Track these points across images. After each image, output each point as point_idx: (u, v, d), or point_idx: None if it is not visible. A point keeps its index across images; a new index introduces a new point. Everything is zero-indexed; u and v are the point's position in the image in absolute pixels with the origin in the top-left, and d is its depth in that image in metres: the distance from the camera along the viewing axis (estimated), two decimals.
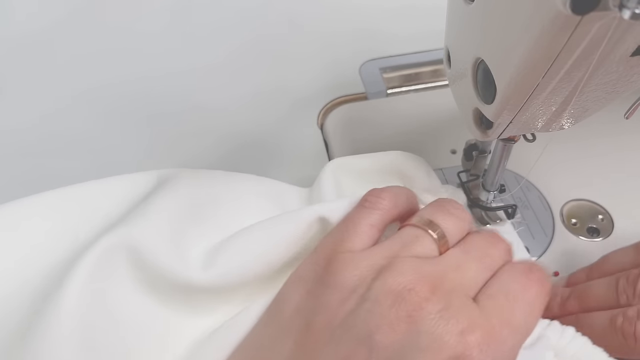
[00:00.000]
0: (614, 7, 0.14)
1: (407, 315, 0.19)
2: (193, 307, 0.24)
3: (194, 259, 0.24)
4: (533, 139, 0.29)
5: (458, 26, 0.24)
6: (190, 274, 0.23)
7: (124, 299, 0.23)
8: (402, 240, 0.22)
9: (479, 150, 0.32)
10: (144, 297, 0.24)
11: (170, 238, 0.24)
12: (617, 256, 0.29)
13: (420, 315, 0.19)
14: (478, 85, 0.24)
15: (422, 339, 0.19)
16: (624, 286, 0.26)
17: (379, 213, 0.23)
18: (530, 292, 0.21)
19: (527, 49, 0.18)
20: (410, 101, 0.47)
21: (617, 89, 0.22)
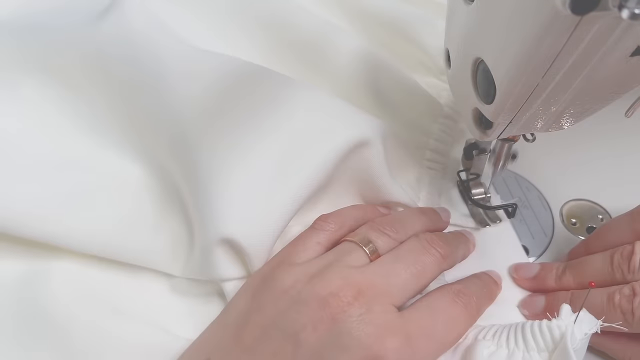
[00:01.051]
0: (613, 7, 0.14)
1: (330, 317, 0.21)
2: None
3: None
4: (533, 139, 0.29)
5: (458, 26, 0.24)
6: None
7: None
8: (337, 252, 0.25)
9: (478, 150, 0.32)
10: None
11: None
12: (612, 228, 0.29)
13: (342, 318, 0.21)
14: (478, 85, 0.24)
15: (343, 339, 0.21)
16: (619, 261, 0.26)
17: (326, 234, 0.26)
18: (454, 310, 0.24)
19: (527, 49, 0.18)
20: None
21: (617, 89, 0.22)
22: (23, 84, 0.29)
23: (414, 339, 0.21)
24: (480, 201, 0.34)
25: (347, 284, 0.22)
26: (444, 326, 0.23)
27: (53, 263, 0.26)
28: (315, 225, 0.27)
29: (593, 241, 0.30)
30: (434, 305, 0.23)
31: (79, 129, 0.29)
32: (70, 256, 0.27)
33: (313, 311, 0.21)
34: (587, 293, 0.24)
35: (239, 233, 0.25)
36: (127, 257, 0.27)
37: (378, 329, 0.21)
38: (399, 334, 0.21)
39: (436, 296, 0.24)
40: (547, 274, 0.29)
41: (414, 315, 0.22)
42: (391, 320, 0.22)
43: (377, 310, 0.22)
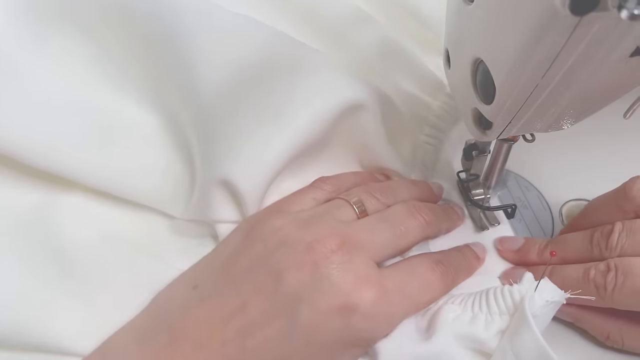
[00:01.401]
0: (612, 7, 0.14)
1: (313, 261, 0.22)
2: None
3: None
4: (532, 139, 0.29)
5: (457, 26, 0.24)
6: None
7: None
8: (328, 206, 0.27)
9: (478, 150, 0.32)
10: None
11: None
12: (598, 207, 0.30)
13: (324, 264, 0.22)
14: (477, 85, 0.24)
15: (322, 283, 0.22)
16: (598, 239, 0.27)
17: (322, 192, 0.28)
18: (431, 275, 0.25)
19: (526, 49, 0.18)
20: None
21: (617, 89, 0.22)
22: (51, 36, 0.30)
23: (389, 294, 0.23)
24: (480, 202, 0.34)
25: (333, 233, 0.24)
26: (419, 288, 0.24)
27: (66, 196, 0.29)
28: (313, 184, 0.29)
29: (579, 220, 0.31)
30: (413, 268, 0.25)
31: (101, 80, 0.31)
32: (82, 191, 0.29)
33: (298, 254, 0.23)
34: (545, 269, 0.26)
35: (234, 174, 0.27)
36: (135, 196, 0.30)
37: (356, 278, 0.22)
38: (375, 286, 0.22)
39: (416, 260, 0.26)
40: (530, 247, 0.30)
41: (392, 273, 0.24)
42: (370, 274, 0.23)
43: (357, 261, 0.23)
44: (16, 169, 0.28)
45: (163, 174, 0.31)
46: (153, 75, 0.31)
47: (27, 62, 0.28)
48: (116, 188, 0.29)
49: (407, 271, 0.25)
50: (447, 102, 0.37)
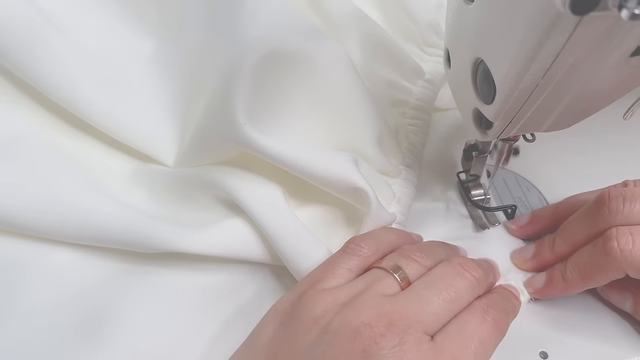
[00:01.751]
0: (613, 7, 0.14)
1: (362, 349, 0.20)
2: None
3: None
4: (533, 139, 0.29)
5: (458, 26, 0.24)
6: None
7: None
8: (367, 279, 0.24)
9: (478, 151, 0.32)
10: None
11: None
12: (581, 195, 0.31)
13: (375, 350, 0.20)
14: (478, 85, 0.24)
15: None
16: (598, 208, 0.26)
17: (358, 259, 0.25)
18: (484, 331, 0.23)
19: (526, 49, 0.18)
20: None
21: (617, 89, 0.22)
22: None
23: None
24: (480, 202, 0.34)
25: (379, 314, 0.22)
26: (475, 352, 0.22)
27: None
28: (347, 250, 0.26)
29: (562, 205, 0.32)
30: (464, 326, 0.23)
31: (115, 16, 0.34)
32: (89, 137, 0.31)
33: (344, 343, 0.21)
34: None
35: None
36: (134, 139, 0.31)
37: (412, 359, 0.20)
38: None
39: (466, 316, 0.23)
40: (542, 248, 0.30)
41: (445, 343, 0.22)
42: (424, 352, 0.21)
43: (409, 341, 0.21)
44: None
45: (164, 120, 0.32)
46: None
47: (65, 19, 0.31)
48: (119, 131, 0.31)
49: (459, 334, 0.22)
50: (427, 87, 0.39)
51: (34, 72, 0.29)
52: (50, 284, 0.28)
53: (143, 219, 0.28)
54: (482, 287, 0.25)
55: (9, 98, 0.30)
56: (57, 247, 0.29)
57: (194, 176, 0.30)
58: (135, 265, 0.29)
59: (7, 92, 0.30)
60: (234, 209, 0.29)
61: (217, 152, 0.30)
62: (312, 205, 0.31)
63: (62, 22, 0.31)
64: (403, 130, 0.37)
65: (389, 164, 0.33)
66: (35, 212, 0.27)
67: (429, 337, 0.22)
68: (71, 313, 0.27)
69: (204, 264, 0.29)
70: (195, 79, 0.32)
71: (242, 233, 0.28)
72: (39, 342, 0.26)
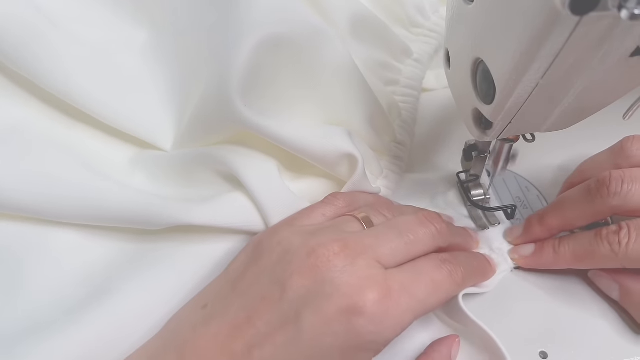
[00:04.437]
0: (613, 7, 0.14)
1: (315, 265, 0.22)
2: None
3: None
4: (533, 139, 0.29)
5: (458, 26, 0.24)
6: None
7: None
8: (335, 222, 0.27)
9: (478, 151, 0.32)
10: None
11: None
12: (593, 165, 0.31)
13: (327, 267, 0.22)
14: (477, 85, 0.24)
15: (325, 287, 0.22)
16: (597, 187, 0.27)
17: (333, 208, 0.28)
18: (438, 274, 0.24)
19: (526, 49, 0.18)
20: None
21: (617, 89, 0.22)
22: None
23: (394, 295, 0.22)
24: (480, 202, 0.34)
25: (337, 239, 0.23)
26: (426, 287, 0.23)
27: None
28: (325, 200, 0.29)
29: (574, 179, 0.32)
30: (419, 267, 0.24)
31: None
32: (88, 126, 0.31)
33: (301, 259, 0.23)
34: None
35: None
36: (131, 127, 0.31)
37: (360, 280, 0.22)
38: (380, 287, 0.22)
39: (422, 260, 0.25)
40: (532, 220, 0.31)
41: (397, 273, 0.23)
42: (373, 274, 0.22)
43: (361, 264, 0.22)
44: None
45: (162, 104, 0.32)
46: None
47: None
48: (113, 118, 0.31)
49: (413, 271, 0.24)
50: (416, 66, 0.41)
51: (29, 64, 0.29)
52: (56, 265, 0.28)
53: (146, 197, 0.28)
54: (443, 239, 0.26)
55: (5, 91, 0.30)
56: (62, 229, 0.29)
57: (193, 155, 0.30)
58: (142, 243, 0.29)
59: (2, 85, 0.30)
60: (235, 184, 0.30)
61: (215, 134, 0.30)
62: (305, 179, 0.32)
63: (54, 14, 0.31)
64: (395, 108, 0.38)
65: (380, 141, 0.35)
66: (37, 194, 0.27)
67: (381, 265, 0.23)
68: (79, 289, 0.27)
69: (211, 235, 0.29)
70: (190, 65, 0.32)
71: (245, 205, 0.28)
72: (46, 315, 0.26)
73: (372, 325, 0.21)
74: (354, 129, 0.32)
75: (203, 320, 0.23)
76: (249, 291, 0.23)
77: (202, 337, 0.22)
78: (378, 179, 0.34)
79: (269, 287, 0.23)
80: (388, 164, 0.36)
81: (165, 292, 0.26)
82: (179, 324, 0.25)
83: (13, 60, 0.29)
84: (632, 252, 0.25)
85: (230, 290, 0.24)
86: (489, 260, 0.30)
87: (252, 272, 0.24)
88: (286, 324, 0.22)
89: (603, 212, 0.27)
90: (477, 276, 0.28)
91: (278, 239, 0.25)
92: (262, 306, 0.22)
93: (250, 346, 0.22)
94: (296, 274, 0.22)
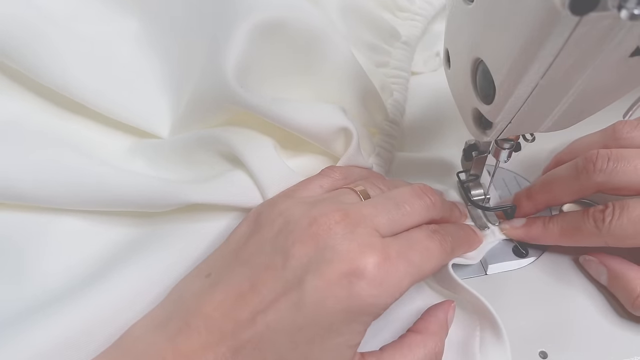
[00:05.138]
0: (612, 7, 0.14)
1: (317, 233, 0.23)
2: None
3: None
4: (533, 139, 0.29)
5: (458, 26, 0.24)
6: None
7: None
8: (333, 193, 0.27)
9: (478, 151, 0.32)
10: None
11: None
12: (584, 144, 0.32)
13: (328, 235, 0.23)
14: (477, 85, 0.24)
15: (327, 253, 0.23)
16: (584, 164, 0.28)
17: (330, 180, 0.29)
18: (430, 243, 0.26)
19: (526, 49, 0.18)
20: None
21: (617, 89, 0.22)
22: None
23: (393, 260, 0.23)
24: (480, 202, 0.34)
25: (337, 209, 0.24)
26: (420, 255, 0.24)
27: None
28: (322, 172, 0.30)
29: (563, 157, 0.33)
30: (412, 236, 0.25)
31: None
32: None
33: (302, 228, 0.24)
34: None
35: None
36: (128, 116, 0.31)
37: (360, 246, 0.23)
38: (379, 252, 0.23)
39: (413, 231, 0.26)
40: (520, 195, 0.32)
41: (394, 241, 0.24)
42: (373, 241, 0.23)
43: (360, 232, 0.23)
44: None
45: (160, 90, 0.33)
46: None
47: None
48: (109, 107, 0.31)
49: (408, 239, 0.25)
50: (404, 48, 0.43)
51: (28, 61, 0.29)
52: (57, 253, 0.28)
53: (146, 178, 0.28)
54: (437, 211, 0.28)
55: (1, 87, 0.31)
56: (62, 218, 0.29)
57: (192, 138, 0.31)
58: (144, 227, 0.30)
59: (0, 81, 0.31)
60: (235, 163, 0.30)
61: (212, 118, 0.31)
62: (301, 157, 0.32)
63: (49, 9, 0.32)
64: (387, 88, 0.40)
65: (373, 121, 0.36)
66: (37, 182, 0.27)
67: (379, 234, 0.24)
68: (80, 276, 0.27)
69: (212, 212, 0.29)
70: (185, 52, 0.33)
71: (246, 182, 0.29)
72: (49, 298, 0.26)
73: (372, 288, 0.22)
74: (346, 107, 0.33)
75: (207, 288, 0.24)
76: (252, 260, 0.24)
77: (207, 305, 0.23)
78: (370, 157, 0.35)
79: (272, 256, 0.24)
80: (380, 141, 0.37)
81: (166, 267, 0.27)
82: (183, 294, 0.25)
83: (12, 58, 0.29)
84: (614, 229, 0.27)
85: (234, 259, 0.25)
86: (476, 231, 0.32)
87: (255, 241, 0.25)
88: (289, 290, 0.22)
89: (588, 188, 0.29)
90: (464, 245, 0.30)
91: (279, 210, 0.26)
92: (266, 274, 0.23)
93: (255, 312, 0.22)
94: (298, 242, 0.23)
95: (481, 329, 0.27)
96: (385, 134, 0.37)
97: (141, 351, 0.23)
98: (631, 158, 0.27)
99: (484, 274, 0.32)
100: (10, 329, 0.23)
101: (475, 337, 0.27)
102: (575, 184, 0.29)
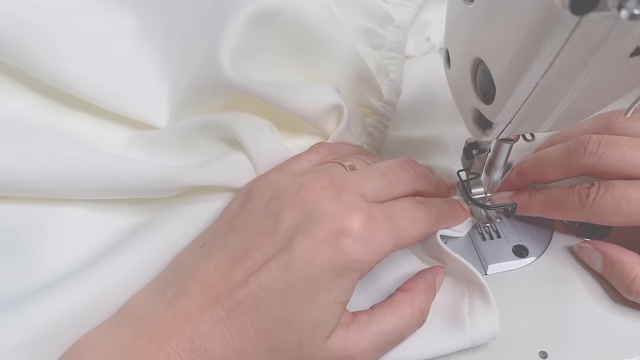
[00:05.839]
0: (612, 7, 0.14)
1: (305, 198, 0.25)
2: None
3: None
4: (533, 139, 0.29)
5: (457, 26, 0.24)
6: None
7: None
8: (322, 166, 0.29)
9: (479, 149, 0.32)
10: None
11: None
12: (575, 132, 0.33)
13: (316, 199, 0.24)
14: (477, 85, 0.24)
15: (314, 215, 0.24)
16: (575, 146, 0.29)
17: (319, 155, 0.30)
18: (415, 211, 0.27)
19: (526, 49, 0.18)
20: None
21: (617, 89, 0.22)
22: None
23: (378, 220, 0.24)
24: (480, 201, 0.34)
25: (324, 176, 0.26)
26: (405, 220, 0.26)
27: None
28: (311, 148, 0.31)
29: (555, 140, 0.34)
30: (398, 203, 0.26)
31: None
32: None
33: (291, 194, 0.25)
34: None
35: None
36: (126, 108, 0.32)
37: (346, 207, 0.24)
38: (365, 213, 0.24)
39: (401, 200, 0.27)
40: (512, 174, 0.33)
41: (379, 206, 0.25)
42: (359, 204, 0.24)
43: (346, 196, 0.25)
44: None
45: (158, 80, 0.34)
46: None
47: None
48: (107, 100, 0.32)
49: (393, 206, 0.26)
50: (397, 32, 0.45)
51: (27, 58, 0.29)
52: (61, 245, 0.28)
53: (148, 164, 0.29)
54: (422, 183, 0.29)
55: (1, 86, 0.31)
56: (66, 209, 0.29)
57: (191, 124, 0.31)
58: (147, 215, 0.30)
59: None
60: (233, 146, 0.31)
61: (209, 104, 0.31)
62: (296, 139, 0.33)
63: (46, 8, 0.32)
64: (384, 69, 0.41)
65: (367, 101, 0.37)
66: (41, 174, 0.27)
67: (364, 199, 0.25)
68: (92, 259, 0.27)
69: (215, 193, 0.30)
70: (182, 44, 0.33)
71: (246, 164, 0.30)
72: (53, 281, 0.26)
73: (358, 245, 0.23)
74: (342, 89, 0.34)
75: (203, 256, 0.25)
76: (245, 228, 0.25)
77: (203, 271, 0.24)
78: (362, 136, 0.36)
79: (263, 222, 0.25)
80: (373, 122, 0.38)
81: (168, 246, 0.27)
82: (180, 264, 0.26)
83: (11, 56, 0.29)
84: (597, 206, 0.28)
85: (227, 228, 0.26)
86: (462, 204, 0.33)
87: (247, 210, 0.26)
88: (280, 252, 0.24)
89: (576, 169, 0.30)
90: (450, 218, 0.31)
91: (269, 180, 0.27)
92: (258, 239, 0.24)
93: (249, 274, 0.23)
94: (288, 207, 0.25)
95: (470, 296, 0.28)
96: (379, 114, 0.38)
97: (141, 316, 0.23)
98: (620, 145, 0.28)
99: (484, 274, 0.32)
100: (20, 309, 0.23)
101: (464, 303, 0.28)
102: (565, 164, 0.30)
